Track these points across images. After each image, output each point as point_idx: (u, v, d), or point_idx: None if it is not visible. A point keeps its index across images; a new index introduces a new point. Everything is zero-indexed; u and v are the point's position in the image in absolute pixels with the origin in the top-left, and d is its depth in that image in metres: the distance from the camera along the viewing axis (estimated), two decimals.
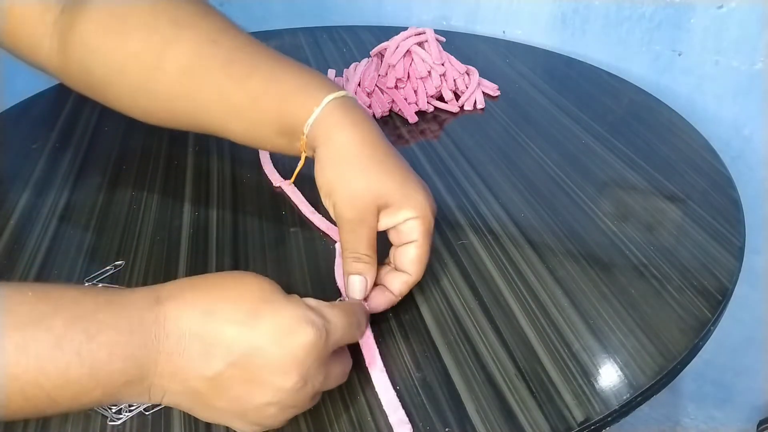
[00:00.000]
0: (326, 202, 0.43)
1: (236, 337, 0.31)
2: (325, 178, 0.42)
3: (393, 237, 0.42)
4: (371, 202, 0.41)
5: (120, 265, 0.48)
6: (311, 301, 0.34)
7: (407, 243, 0.41)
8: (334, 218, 0.43)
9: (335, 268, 0.46)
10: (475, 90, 0.69)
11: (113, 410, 0.37)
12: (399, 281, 0.41)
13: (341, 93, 0.43)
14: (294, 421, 0.36)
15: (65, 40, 0.46)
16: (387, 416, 0.36)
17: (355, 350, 0.39)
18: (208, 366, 0.31)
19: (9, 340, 0.29)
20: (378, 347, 0.40)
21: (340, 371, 0.36)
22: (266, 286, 0.34)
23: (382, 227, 0.42)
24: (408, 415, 0.36)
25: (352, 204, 0.41)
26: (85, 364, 0.30)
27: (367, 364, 0.39)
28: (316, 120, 0.42)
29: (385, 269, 0.43)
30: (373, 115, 0.67)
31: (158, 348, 0.31)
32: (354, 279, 0.41)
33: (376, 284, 0.42)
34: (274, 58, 0.46)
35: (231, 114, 0.45)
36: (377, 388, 0.37)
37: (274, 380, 0.31)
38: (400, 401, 0.37)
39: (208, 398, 0.32)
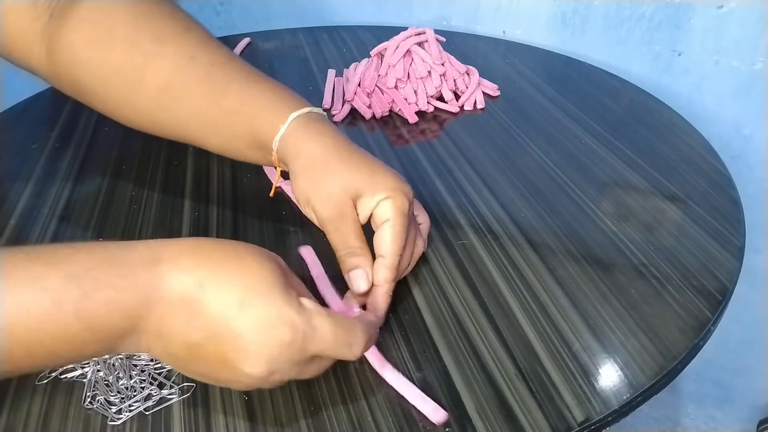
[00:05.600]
0: (306, 211, 0.44)
1: (219, 317, 0.32)
2: (299, 187, 0.44)
3: (373, 226, 0.44)
4: (345, 196, 0.42)
5: None
6: (308, 304, 0.34)
7: (382, 224, 0.42)
8: (318, 224, 0.44)
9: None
10: (475, 90, 0.69)
11: (113, 410, 0.37)
12: (378, 267, 0.42)
13: (306, 109, 0.45)
14: (294, 420, 0.36)
15: (53, 48, 0.48)
16: (395, 413, 0.36)
17: (362, 357, 0.39)
18: (188, 335, 0.32)
19: (8, 303, 0.30)
20: (378, 347, 0.40)
21: (315, 371, 0.36)
22: (266, 275, 0.34)
23: (363, 218, 0.43)
24: (408, 415, 0.36)
25: (327, 203, 0.42)
26: (83, 320, 0.31)
27: (377, 369, 0.38)
28: (283, 136, 0.44)
29: None
30: (373, 116, 0.67)
31: (149, 309, 0.32)
32: (355, 274, 0.41)
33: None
34: (248, 75, 0.48)
35: (208, 129, 0.48)
36: (396, 387, 0.37)
37: (243, 366, 0.32)
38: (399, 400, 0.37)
39: (184, 362, 0.34)
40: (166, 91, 0.46)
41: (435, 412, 0.35)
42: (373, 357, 0.39)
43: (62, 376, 0.39)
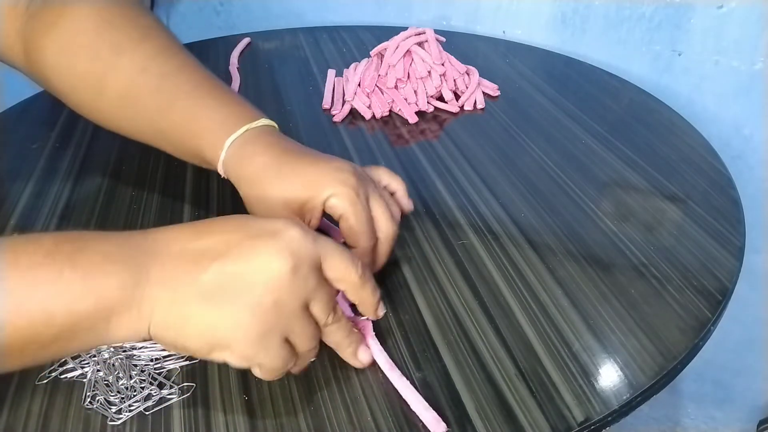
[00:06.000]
0: None
1: (229, 236, 0.33)
2: (249, 209, 0.45)
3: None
4: (286, 211, 0.43)
5: None
6: None
7: (339, 219, 0.43)
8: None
9: None
10: (475, 90, 0.69)
11: (113, 410, 0.37)
12: (358, 245, 0.43)
13: (242, 130, 0.45)
14: (294, 420, 0.36)
15: (29, 49, 0.49)
16: (395, 414, 0.36)
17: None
18: (201, 266, 0.32)
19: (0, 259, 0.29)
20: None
21: (326, 296, 0.35)
22: (252, 216, 0.36)
23: (317, 221, 0.43)
24: (408, 415, 0.36)
25: (270, 211, 0.43)
26: (77, 267, 0.30)
27: (385, 372, 0.38)
28: (225, 162, 0.45)
29: None
30: (373, 116, 0.67)
31: (149, 260, 0.32)
32: None
33: None
34: (196, 87, 0.47)
35: (161, 139, 0.49)
36: (401, 392, 0.37)
37: (268, 263, 0.32)
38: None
39: (198, 305, 0.32)
40: (124, 101, 0.48)
41: (435, 424, 0.35)
42: (382, 359, 0.39)
43: (62, 376, 0.39)
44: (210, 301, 0.32)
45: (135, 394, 0.37)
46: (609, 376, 0.38)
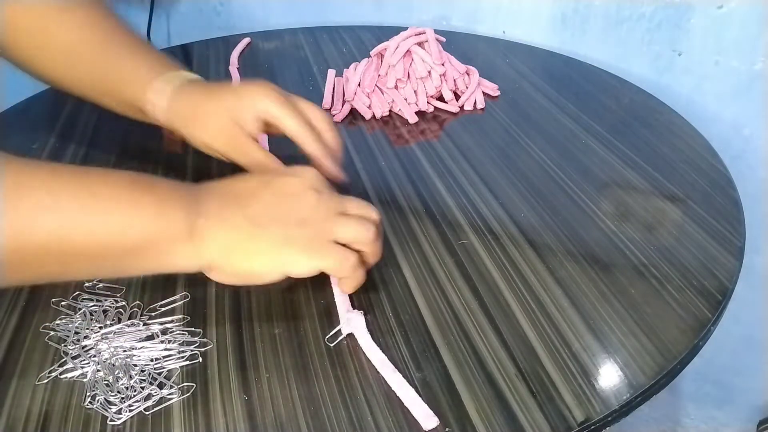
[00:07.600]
0: (217, 156, 0.51)
1: (260, 178, 0.42)
2: (192, 139, 0.50)
3: (275, 130, 0.50)
4: (224, 121, 0.48)
5: None
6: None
7: (275, 121, 0.48)
8: (231, 160, 0.50)
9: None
10: (475, 90, 0.69)
11: (113, 410, 0.37)
12: (305, 146, 0.48)
13: (176, 74, 0.52)
14: (294, 420, 0.36)
15: None
16: (395, 414, 0.36)
17: (362, 357, 0.39)
18: (245, 200, 0.40)
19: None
20: (379, 347, 0.40)
21: (356, 204, 0.43)
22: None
23: (255, 129, 0.48)
24: (408, 415, 0.36)
25: (216, 136, 0.49)
26: (153, 194, 0.38)
27: (378, 369, 0.38)
28: (160, 105, 0.51)
29: None
30: (373, 116, 0.67)
31: (202, 198, 0.40)
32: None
33: None
34: (127, 45, 0.53)
35: (101, 94, 0.54)
36: (394, 388, 0.37)
37: (297, 190, 0.41)
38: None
39: (251, 231, 0.39)
40: (66, 56, 0.52)
41: (426, 419, 0.35)
42: (374, 356, 0.39)
43: (62, 376, 0.39)
44: (260, 226, 0.39)
45: (135, 394, 0.37)
46: (609, 376, 0.38)
